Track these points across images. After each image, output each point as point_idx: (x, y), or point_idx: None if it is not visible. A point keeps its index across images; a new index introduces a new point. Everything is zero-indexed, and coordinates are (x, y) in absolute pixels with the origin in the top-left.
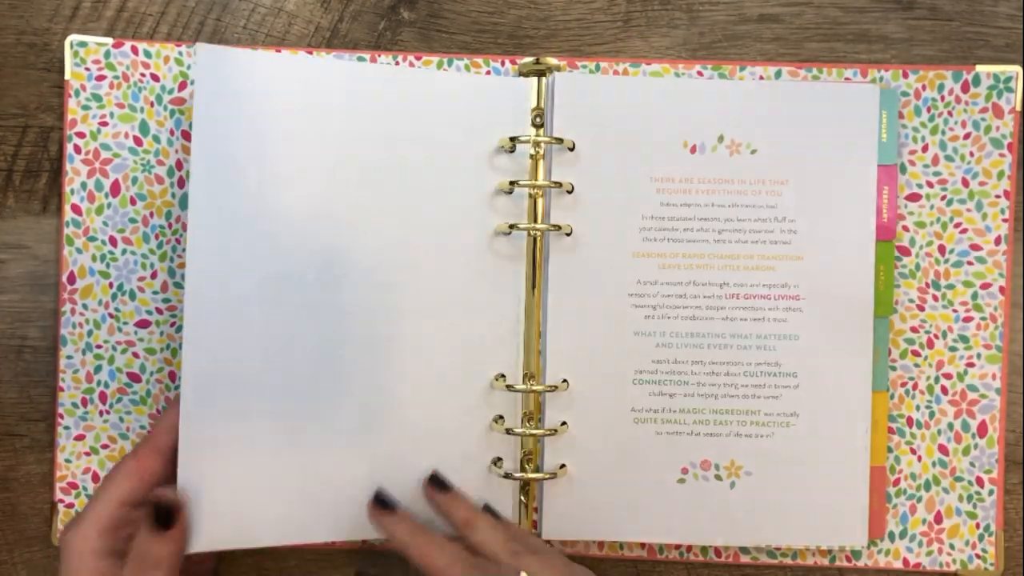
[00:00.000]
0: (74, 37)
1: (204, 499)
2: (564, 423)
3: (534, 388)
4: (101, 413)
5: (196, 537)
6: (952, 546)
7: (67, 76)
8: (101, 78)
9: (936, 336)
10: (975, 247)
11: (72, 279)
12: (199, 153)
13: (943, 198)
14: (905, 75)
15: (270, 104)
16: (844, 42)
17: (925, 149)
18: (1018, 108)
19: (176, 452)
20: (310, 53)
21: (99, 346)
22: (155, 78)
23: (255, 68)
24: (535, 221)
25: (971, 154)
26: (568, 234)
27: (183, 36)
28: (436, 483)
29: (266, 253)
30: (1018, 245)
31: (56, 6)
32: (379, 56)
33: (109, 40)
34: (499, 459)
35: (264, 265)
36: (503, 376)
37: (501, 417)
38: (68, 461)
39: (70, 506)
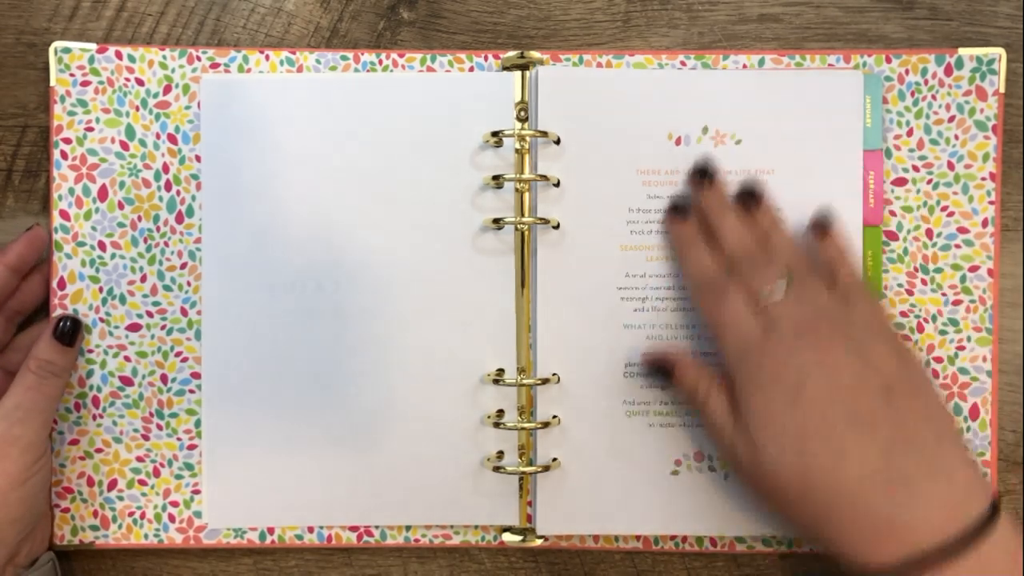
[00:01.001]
0: (58, 43)
1: (223, 483)
2: (556, 416)
3: (524, 382)
4: (94, 417)
5: (215, 515)
6: None
7: (52, 82)
8: (86, 83)
9: (926, 320)
10: (962, 230)
11: (62, 284)
12: (209, 176)
13: (929, 182)
14: (888, 60)
15: (268, 124)
16: (844, 42)
17: (910, 133)
18: (1001, 90)
19: (25, 268)
20: (311, 52)
21: (90, 350)
22: (139, 82)
23: (252, 91)
24: (522, 215)
25: (956, 137)
26: (555, 227)
27: (183, 36)
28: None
29: (272, 266)
30: (1016, 234)
31: (56, 6)
32: (362, 55)
33: (93, 46)
34: (494, 454)
35: (270, 277)
36: (495, 371)
37: (494, 412)
38: (62, 466)
39: (65, 511)
